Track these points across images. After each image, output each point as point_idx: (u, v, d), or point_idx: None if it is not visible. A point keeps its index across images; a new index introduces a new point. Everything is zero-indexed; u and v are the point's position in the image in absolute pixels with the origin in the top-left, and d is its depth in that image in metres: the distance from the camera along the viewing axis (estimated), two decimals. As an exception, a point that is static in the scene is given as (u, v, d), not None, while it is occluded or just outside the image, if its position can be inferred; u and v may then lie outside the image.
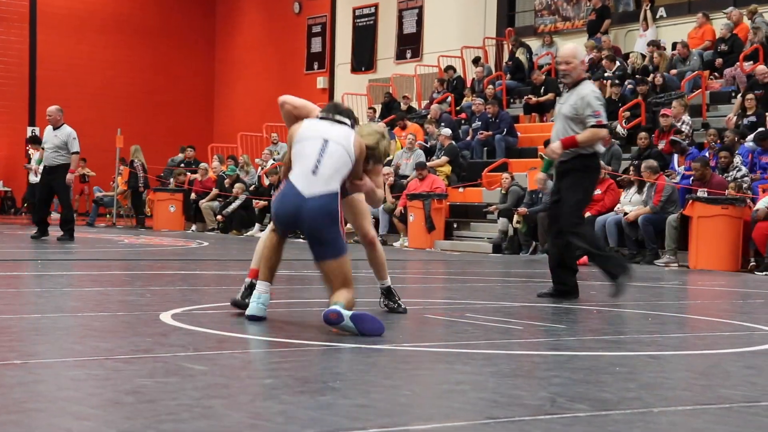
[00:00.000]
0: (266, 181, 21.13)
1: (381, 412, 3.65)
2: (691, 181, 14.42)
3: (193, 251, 14.61)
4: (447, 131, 19.86)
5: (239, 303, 6.37)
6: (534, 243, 15.92)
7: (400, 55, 27.14)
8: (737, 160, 14.60)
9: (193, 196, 22.57)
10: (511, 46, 23.60)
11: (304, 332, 5.83)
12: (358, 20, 28.38)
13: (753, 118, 16.03)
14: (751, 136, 15.32)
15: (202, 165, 23.74)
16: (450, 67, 23.83)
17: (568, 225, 8.07)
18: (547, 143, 12.69)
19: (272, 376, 4.32)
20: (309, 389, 4.07)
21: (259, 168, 22.75)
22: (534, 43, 23.54)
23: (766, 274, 12.64)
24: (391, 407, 3.76)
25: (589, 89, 8.12)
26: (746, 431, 3.61)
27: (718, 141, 15.30)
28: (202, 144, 27.63)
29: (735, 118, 16.43)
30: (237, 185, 21.69)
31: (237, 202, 21.36)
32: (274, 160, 22.37)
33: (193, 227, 22.39)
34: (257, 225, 20.83)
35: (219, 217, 21.70)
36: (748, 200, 13.67)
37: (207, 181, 23.00)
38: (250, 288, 6.28)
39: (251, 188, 21.68)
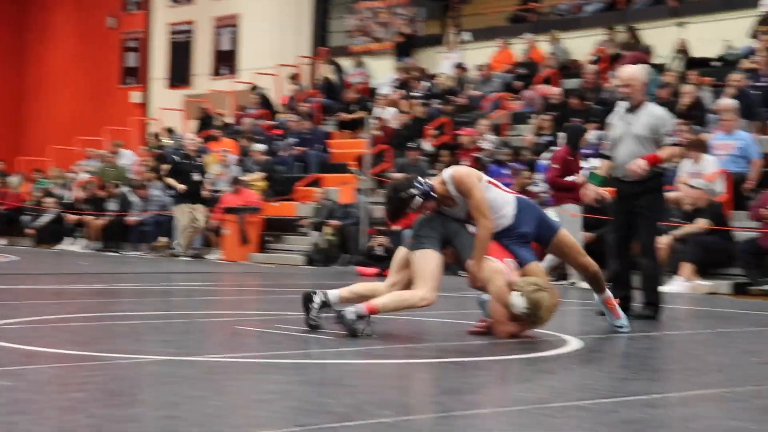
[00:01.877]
0: (80, 195, 20.77)
1: (190, 423, 3.68)
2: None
3: (2, 265, 14.21)
4: (261, 147, 19.93)
5: None
6: (343, 255, 16.13)
7: (215, 72, 27.08)
8: (536, 176, 15.22)
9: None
10: (322, 65, 23.92)
11: (114, 345, 5.82)
12: (174, 36, 28.15)
13: (549, 137, 16.75)
14: (546, 154, 16.00)
15: (11, 178, 23.19)
16: (254, 87, 23.94)
17: (652, 244, 7.99)
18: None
19: (81, 390, 4.27)
20: (118, 402, 4.08)
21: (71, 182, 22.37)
22: (347, 63, 23.88)
23: (569, 284, 13.19)
24: (200, 418, 3.79)
25: (660, 109, 8.03)
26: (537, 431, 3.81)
27: (516, 159, 15.94)
28: (11, 157, 26.79)
29: (533, 137, 17.15)
30: (49, 199, 21.21)
31: (49, 216, 20.88)
32: (88, 174, 22.06)
33: (3, 241, 21.83)
34: (67, 238, 20.44)
35: (31, 230, 21.19)
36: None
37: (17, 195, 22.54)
38: None
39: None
